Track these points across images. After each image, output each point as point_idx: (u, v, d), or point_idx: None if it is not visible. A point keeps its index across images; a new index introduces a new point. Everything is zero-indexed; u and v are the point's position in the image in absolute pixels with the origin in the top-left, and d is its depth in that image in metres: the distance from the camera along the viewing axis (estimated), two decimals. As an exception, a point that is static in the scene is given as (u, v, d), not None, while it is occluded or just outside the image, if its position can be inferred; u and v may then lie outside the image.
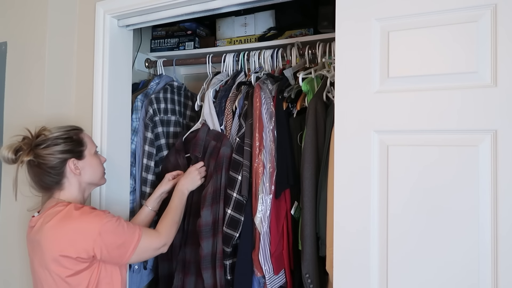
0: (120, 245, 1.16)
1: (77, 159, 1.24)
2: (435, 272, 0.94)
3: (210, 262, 1.44)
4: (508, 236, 0.88)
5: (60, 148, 1.21)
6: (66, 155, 1.22)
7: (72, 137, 1.25)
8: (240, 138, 1.46)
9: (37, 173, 1.21)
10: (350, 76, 1.06)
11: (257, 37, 1.90)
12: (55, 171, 1.21)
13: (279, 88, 1.50)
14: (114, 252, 1.15)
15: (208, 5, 1.43)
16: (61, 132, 1.24)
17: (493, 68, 0.91)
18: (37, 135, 1.23)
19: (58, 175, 1.21)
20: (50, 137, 1.22)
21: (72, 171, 1.23)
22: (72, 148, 1.24)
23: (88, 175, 1.27)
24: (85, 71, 1.63)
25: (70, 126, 1.30)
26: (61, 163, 1.21)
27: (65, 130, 1.26)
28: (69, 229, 1.12)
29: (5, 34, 1.67)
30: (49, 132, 1.23)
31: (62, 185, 1.23)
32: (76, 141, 1.26)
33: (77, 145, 1.26)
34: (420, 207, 0.96)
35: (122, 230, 1.17)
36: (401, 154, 0.99)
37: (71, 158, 1.22)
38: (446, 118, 0.94)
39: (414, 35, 0.99)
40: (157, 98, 1.75)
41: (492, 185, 0.90)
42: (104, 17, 1.58)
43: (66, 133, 1.25)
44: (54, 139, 1.21)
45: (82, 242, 1.12)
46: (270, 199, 1.39)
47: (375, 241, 1.01)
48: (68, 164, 1.22)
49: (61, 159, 1.21)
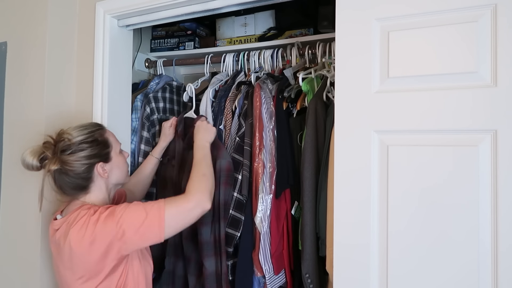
0: (145, 224, 1.06)
1: (104, 162, 1.18)
2: (435, 272, 0.94)
3: (215, 281, 1.38)
4: (508, 236, 0.88)
5: (87, 153, 1.14)
6: (94, 160, 1.16)
7: (97, 139, 1.18)
8: (240, 138, 1.46)
9: (64, 180, 1.15)
10: (350, 76, 1.06)
11: (257, 37, 1.90)
12: (83, 177, 1.15)
13: (279, 88, 1.50)
14: (144, 235, 1.07)
15: (208, 5, 1.43)
16: (85, 134, 1.17)
17: (493, 68, 0.91)
18: (59, 140, 1.15)
19: (86, 180, 1.16)
20: (75, 141, 1.14)
21: (100, 175, 1.17)
22: (99, 151, 1.18)
23: (115, 176, 1.23)
24: (85, 71, 1.63)
25: (91, 125, 1.22)
26: (89, 168, 1.15)
27: (89, 131, 1.18)
28: (89, 235, 1.06)
29: (5, 34, 1.67)
30: (71, 136, 1.15)
31: (89, 189, 1.18)
32: (102, 143, 1.19)
33: (103, 148, 1.19)
34: (420, 207, 0.96)
35: (140, 210, 1.08)
36: (401, 154, 0.99)
37: (98, 162, 1.17)
38: (446, 118, 0.94)
39: (414, 35, 0.99)
40: (155, 97, 1.75)
41: (492, 185, 0.90)
42: (104, 17, 1.58)
43: (90, 135, 1.18)
44: (79, 143, 1.15)
45: (106, 250, 1.06)
46: (270, 199, 1.39)
47: (375, 240, 1.01)
48: (96, 168, 1.16)
49: (89, 164, 1.15)
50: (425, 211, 0.96)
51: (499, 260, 0.89)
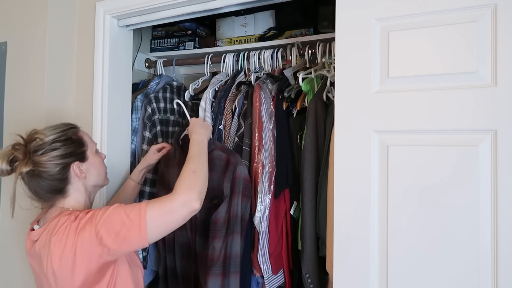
0: (126, 228, 0.97)
1: (80, 161, 1.12)
2: (435, 270, 0.94)
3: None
4: (508, 235, 0.88)
5: (60, 152, 1.07)
6: (69, 159, 1.09)
7: (71, 138, 1.11)
8: (239, 138, 1.46)
9: (38, 183, 1.06)
10: (350, 76, 1.06)
11: (257, 37, 1.90)
12: (58, 178, 1.07)
13: (279, 88, 1.50)
14: (125, 240, 0.98)
15: (208, 5, 1.43)
16: (58, 133, 1.09)
17: (493, 68, 0.91)
18: (30, 140, 1.07)
19: (62, 182, 1.08)
20: (47, 140, 1.07)
21: (77, 175, 1.10)
22: (74, 150, 1.10)
23: (93, 177, 1.15)
24: (85, 71, 1.63)
25: (64, 125, 1.14)
26: (64, 168, 1.08)
27: (61, 130, 1.11)
28: (70, 245, 0.98)
29: (5, 34, 1.67)
30: (43, 135, 1.07)
31: (66, 192, 1.10)
32: (76, 141, 1.12)
33: (78, 146, 1.12)
34: (420, 207, 0.96)
35: (120, 212, 1.00)
36: (401, 154, 0.99)
37: (74, 161, 1.10)
38: (446, 118, 0.94)
39: (414, 35, 0.99)
40: (156, 97, 1.75)
41: (492, 185, 0.90)
42: (104, 17, 1.58)
43: (63, 134, 1.10)
44: (51, 142, 1.07)
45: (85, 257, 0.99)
46: (269, 199, 1.39)
47: (375, 240, 1.01)
48: (72, 168, 1.10)
49: (63, 164, 1.07)
50: (425, 211, 0.96)
51: (499, 260, 0.89)
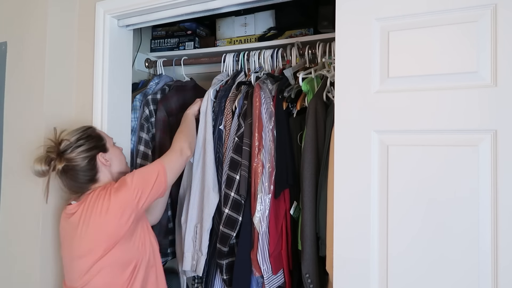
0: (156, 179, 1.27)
1: (103, 152, 1.34)
2: (435, 269, 0.94)
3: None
4: (508, 235, 0.88)
5: (85, 147, 1.30)
6: (93, 152, 1.32)
7: (91, 135, 1.35)
8: (238, 138, 1.46)
9: (72, 176, 1.30)
10: (350, 76, 1.06)
11: (257, 37, 1.90)
12: (88, 168, 1.30)
13: (279, 88, 1.50)
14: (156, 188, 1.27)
15: (208, 5, 1.43)
16: (79, 133, 1.33)
17: (493, 68, 0.91)
18: (59, 143, 1.31)
19: (91, 171, 1.31)
20: (72, 140, 1.31)
21: (103, 163, 1.33)
22: (96, 144, 1.34)
23: (117, 165, 1.39)
24: (85, 71, 1.63)
25: (82, 127, 1.38)
26: (91, 160, 1.31)
27: (82, 130, 1.35)
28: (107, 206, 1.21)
29: (5, 34, 1.67)
30: (69, 136, 1.32)
31: (97, 179, 1.32)
32: (96, 137, 1.36)
33: (99, 140, 1.36)
34: (420, 207, 0.96)
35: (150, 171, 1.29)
36: (401, 154, 0.99)
37: (98, 153, 1.33)
38: (447, 118, 0.94)
39: (414, 35, 0.99)
40: (154, 99, 1.74)
41: (492, 185, 0.90)
42: (104, 17, 1.59)
43: (84, 133, 1.34)
44: (76, 141, 1.31)
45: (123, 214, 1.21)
46: (269, 199, 1.39)
47: (375, 240, 1.01)
48: (98, 158, 1.32)
49: (90, 156, 1.30)
50: (425, 210, 0.96)
51: (499, 259, 0.88)
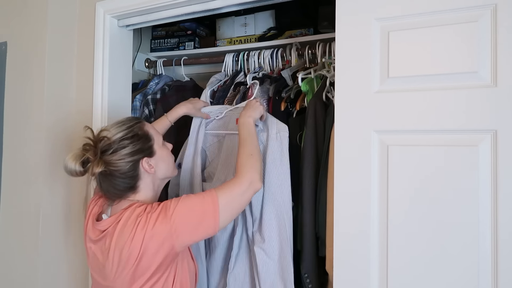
0: (201, 219, 1.03)
1: (149, 157, 1.12)
2: (435, 269, 0.94)
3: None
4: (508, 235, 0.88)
5: (129, 150, 1.08)
6: (138, 156, 1.09)
7: (138, 134, 1.11)
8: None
9: (110, 182, 1.09)
10: (350, 76, 1.06)
11: (257, 37, 1.90)
12: (129, 176, 1.09)
13: (276, 89, 1.50)
14: (199, 230, 1.03)
15: (208, 5, 1.43)
16: (124, 130, 1.10)
17: (493, 68, 0.91)
18: (98, 140, 1.09)
19: (133, 179, 1.10)
20: (115, 139, 1.08)
21: (147, 171, 1.11)
22: (142, 146, 1.11)
23: (162, 171, 1.16)
24: (85, 71, 1.63)
25: (129, 120, 1.15)
26: (134, 165, 1.09)
27: (127, 126, 1.11)
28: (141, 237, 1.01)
29: (5, 34, 1.67)
30: (111, 134, 1.09)
31: (137, 188, 1.11)
32: (143, 137, 1.12)
33: (146, 141, 1.12)
34: (421, 207, 0.96)
35: (194, 204, 1.04)
36: (401, 154, 0.99)
37: (143, 157, 1.10)
38: (447, 118, 0.94)
39: (414, 35, 0.99)
40: (154, 99, 1.74)
41: (492, 184, 0.90)
42: (104, 17, 1.59)
43: (129, 130, 1.11)
44: (119, 141, 1.08)
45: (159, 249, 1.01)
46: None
47: (375, 239, 1.01)
48: (142, 164, 1.10)
49: (133, 161, 1.08)
50: (425, 210, 0.96)
51: (499, 259, 0.88)
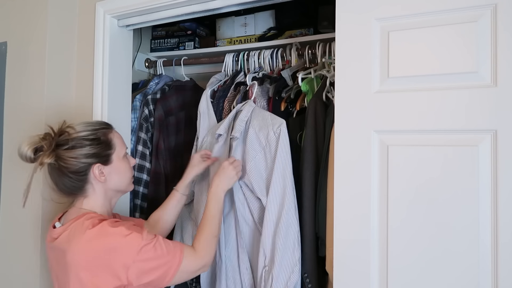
0: (160, 270, 1.00)
1: (103, 164, 1.09)
2: (435, 269, 0.94)
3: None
4: (508, 234, 0.88)
5: (85, 152, 1.06)
6: (91, 160, 1.07)
7: (99, 138, 1.10)
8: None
9: (57, 176, 1.07)
10: (350, 76, 1.06)
11: (257, 37, 1.90)
12: (77, 176, 1.07)
13: (276, 89, 1.50)
14: (151, 277, 0.99)
15: (208, 5, 1.43)
16: (88, 131, 1.09)
17: (493, 68, 0.91)
18: (60, 132, 1.07)
19: (80, 180, 1.08)
20: (75, 136, 1.06)
21: (96, 177, 1.08)
22: (99, 151, 1.09)
23: (114, 182, 1.13)
24: (85, 71, 1.63)
25: (98, 123, 1.14)
26: (85, 168, 1.07)
27: (93, 128, 1.10)
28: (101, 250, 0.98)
29: (5, 34, 1.67)
30: (74, 130, 1.08)
31: (85, 191, 1.10)
32: (104, 143, 1.10)
33: (105, 148, 1.10)
34: (420, 207, 0.96)
35: (161, 253, 1.00)
36: (401, 154, 0.99)
37: (96, 163, 1.08)
38: (446, 118, 0.94)
39: (414, 35, 0.99)
40: (154, 99, 1.74)
41: (492, 184, 0.90)
42: (104, 17, 1.58)
43: (93, 133, 1.09)
44: (79, 139, 1.07)
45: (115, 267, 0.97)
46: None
47: (375, 239, 1.01)
48: (92, 169, 1.08)
49: (85, 163, 1.06)
50: (425, 210, 0.96)
51: (499, 258, 0.88)
